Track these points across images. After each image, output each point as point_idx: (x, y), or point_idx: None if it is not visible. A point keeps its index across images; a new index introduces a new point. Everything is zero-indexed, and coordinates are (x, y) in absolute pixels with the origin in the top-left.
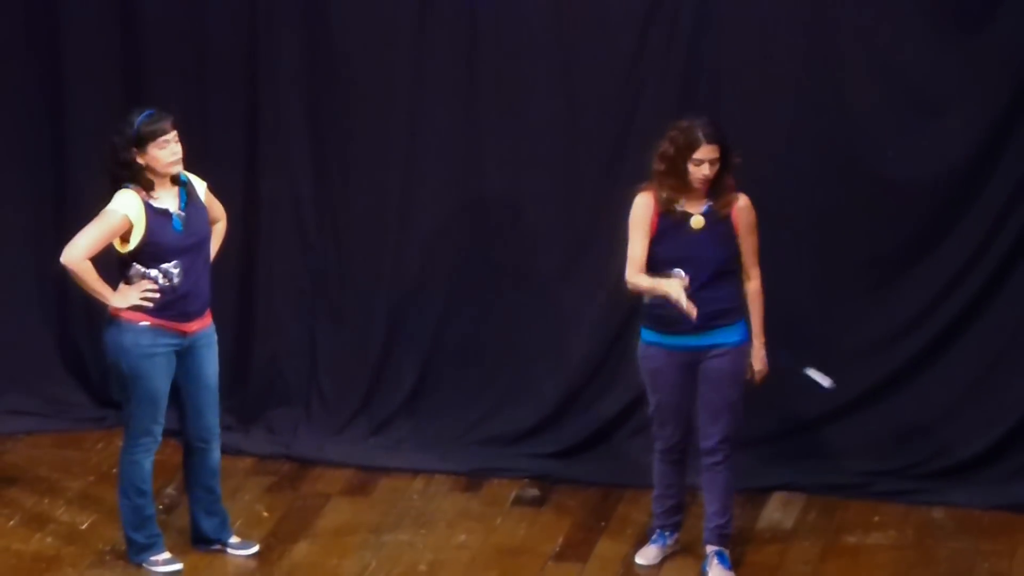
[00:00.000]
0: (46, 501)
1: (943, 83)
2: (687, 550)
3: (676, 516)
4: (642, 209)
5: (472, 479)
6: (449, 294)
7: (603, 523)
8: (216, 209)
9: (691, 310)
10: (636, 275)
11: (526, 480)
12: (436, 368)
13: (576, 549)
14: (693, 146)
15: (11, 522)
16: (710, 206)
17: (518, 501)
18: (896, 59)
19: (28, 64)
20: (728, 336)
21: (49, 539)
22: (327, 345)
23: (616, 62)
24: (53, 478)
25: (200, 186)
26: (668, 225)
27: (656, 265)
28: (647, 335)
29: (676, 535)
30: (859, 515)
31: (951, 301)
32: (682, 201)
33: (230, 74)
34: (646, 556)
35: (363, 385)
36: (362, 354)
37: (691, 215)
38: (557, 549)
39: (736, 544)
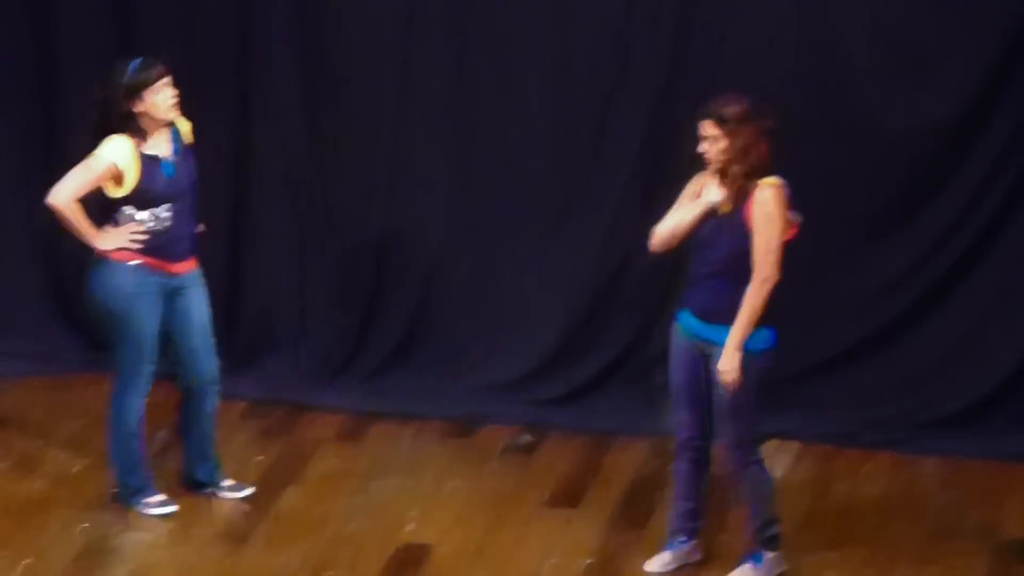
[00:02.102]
0: (38, 444)
1: (934, 37)
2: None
3: (691, 522)
4: (688, 185)
5: (464, 426)
6: (441, 242)
7: (595, 470)
8: None
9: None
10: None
11: (518, 427)
12: (429, 314)
13: (567, 496)
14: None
15: (2, 465)
16: (734, 194)
17: (510, 448)
18: (888, 13)
19: (18, 6)
20: (722, 336)
21: (41, 482)
22: (319, 292)
23: (606, 18)
24: (45, 421)
25: (184, 126)
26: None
27: (691, 245)
28: (679, 310)
29: (692, 542)
30: (850, 464)
31: (943, 254)
32: (719, 186)
33: (221, 22)
34: (656, 563)
35: (355, 332)
36: (354, 299)
37: (720, 200)
38: (548, 495)
39: (724, 491)
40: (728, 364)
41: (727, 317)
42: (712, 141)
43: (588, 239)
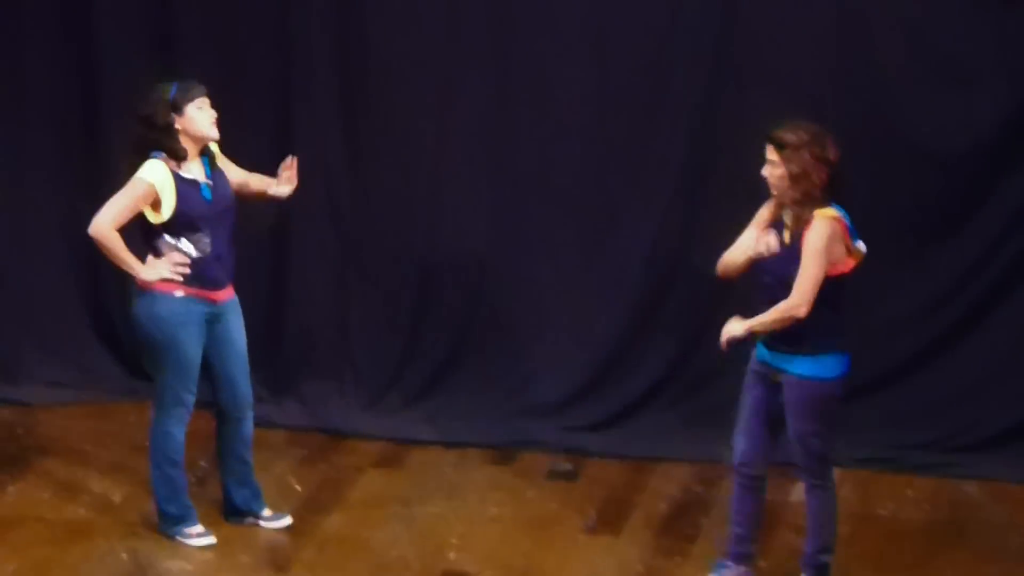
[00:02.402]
0: (79, 472)
1: (977, 55)
2: None
3: (740, 547)
4: (761, 210)
5: (505, 452)
6: (481, 266)
7: (635, 496)
8: (235, 170)
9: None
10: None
11: (559, 453)
12: (469, 340)
13: (608, 522)
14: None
15: (44, 493)
16: (793, 221)
17: (551, 474)
18: (930, 31)
19: (62, 29)
20: (791, 365)
21: (82, 510)
22: (360, 317)
23: (648, 35)
24: (86, 449)
25: (213, 148)
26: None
27: (758, 271)
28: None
29: (741, 568)
30: (892, 488)
31: (984, 275)
32: (788, 212)
33: (263, 44)
34: None
35: (396, 357)
36: (395, 326)
37: (785, 228)
38: (590, 522)
39: (768, 518)
40: (733, 325)
41: (793, 345)
42: (772, 166)
43: (629, 259)
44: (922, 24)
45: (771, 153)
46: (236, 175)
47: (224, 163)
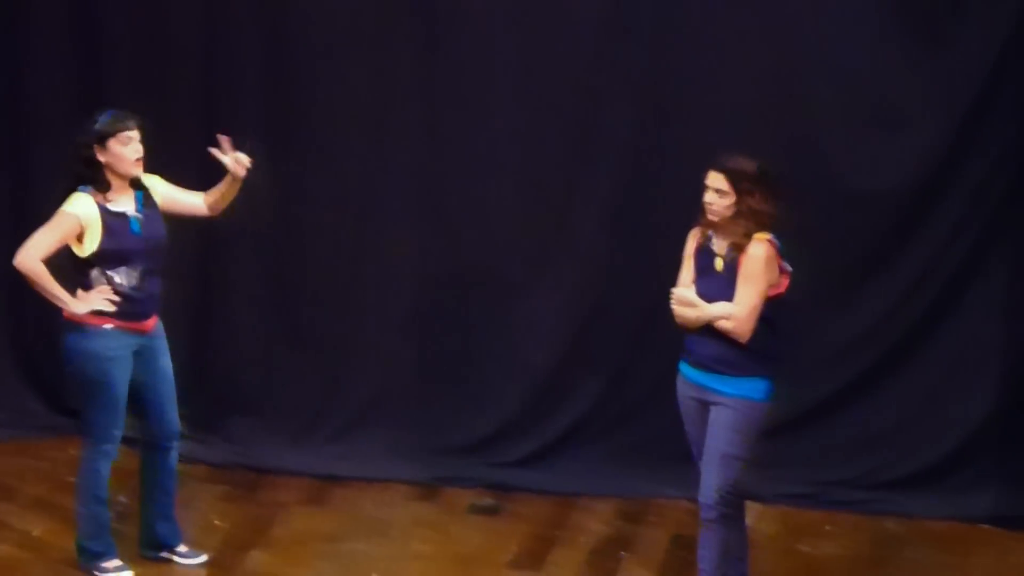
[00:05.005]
0: (2, 508)
1: (903, 97)
2: None
3: None
4: (688, 241)
5: (428, 488)
6: (407, 302)
7: (557, 531)
8: (183, 196)
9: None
10: (681, 307)
11: (482, 489)
12: (393, 377)
13: (531, 557)
14: (708, 171)
15: None
16: (728, 248)
17: (474, 510)
18: (857, 73)
19: None
20: (726, 386)
21: (4, 546)
22: (284, 353)
23: (575, 72)
24: (7, 485)
25: (156, 185)
26: (703, 262)
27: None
28: (680, 362)
29: None
30: (812, 524)
31: (906, 313)
32: (714, 239)
33: (188, 80)
34: None
35: (320, 394)
36: (319, 362)
37: (716, 256)
38: (512, 557)
39: (689, 551)
40: (689, 296)
41: (733, 368)
42: (720, 195)
43: (554, 296)
44: (850, 65)
45: (721, 182)
46: (185, 199)
47: (167, 192)
